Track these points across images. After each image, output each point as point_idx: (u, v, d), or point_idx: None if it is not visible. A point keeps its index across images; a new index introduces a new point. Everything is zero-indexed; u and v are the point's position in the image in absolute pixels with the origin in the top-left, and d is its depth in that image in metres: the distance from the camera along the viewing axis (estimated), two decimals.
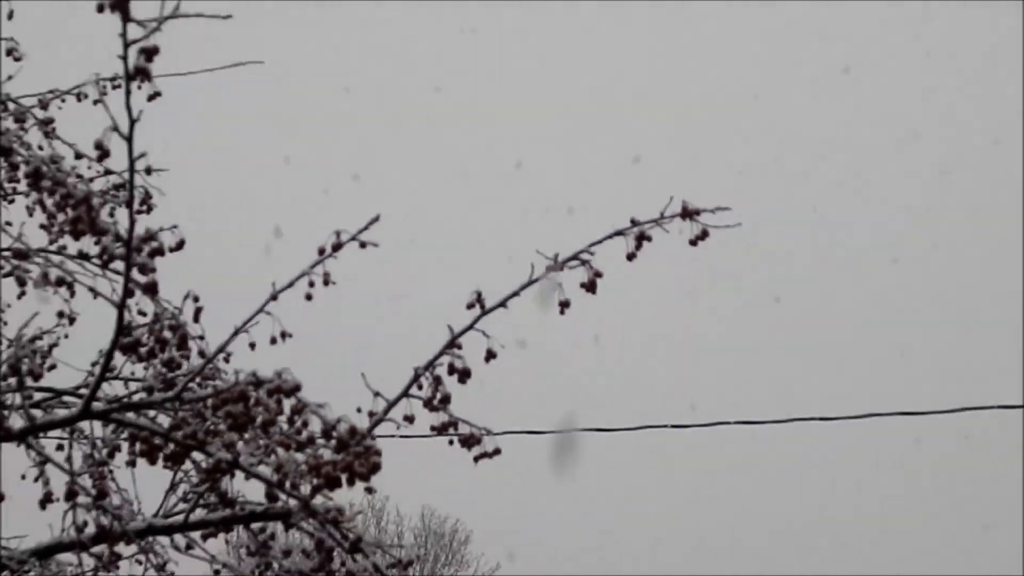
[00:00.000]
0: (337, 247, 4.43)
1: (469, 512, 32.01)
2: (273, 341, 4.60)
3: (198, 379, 4.64)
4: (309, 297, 4.54)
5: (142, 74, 4.01)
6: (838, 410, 12.99)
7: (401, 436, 4.82)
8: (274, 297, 4.47)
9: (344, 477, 4.20)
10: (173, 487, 5.10)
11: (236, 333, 4.49)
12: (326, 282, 4.57)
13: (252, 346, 4.61)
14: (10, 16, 5.73)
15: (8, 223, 5.17)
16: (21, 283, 5.04)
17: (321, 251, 4.43)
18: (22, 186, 5.16)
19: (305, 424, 4.27)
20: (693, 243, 4.37)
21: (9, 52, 5.39)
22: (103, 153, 4.35)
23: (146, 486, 5.15)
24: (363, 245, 4.47)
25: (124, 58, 4.00)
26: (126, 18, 3.96)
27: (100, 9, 4.06)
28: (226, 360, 4.69)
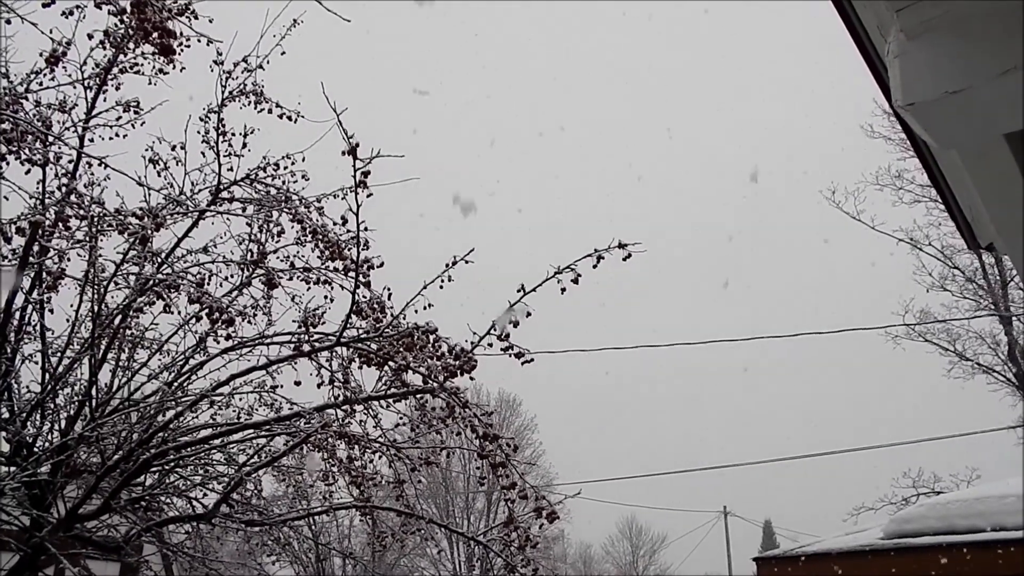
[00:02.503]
0: (453, 264, 5.01)
1: (520, 391, 34.27)
2: (425, 308, 5.13)
3: (389, 327, 5.23)
4: (441, 287, 5.08)
5: (362, 184, 4.83)
6: None
7: (486, 354, 5.06)
8: (425, 287, 5.08)
9: (458, 372, 5.01)
10: (380, 378, 5.44)
11: (406, 305, 5.15)
12: (450, 278, 5.07)
13: (416, 311, 5.16)
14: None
15: (302, 256, 5.75)
16: (307, 282, 5.65)
17: (445, 266, 4.99)
18: (308, 237, 5.58)
19: (439, 347, 4.96)
20: (624, 259, 4.82)
21: (304, 176, 5.76)
22: (344, 221, 5.18)
23: (367, 378, 5.69)
24: (467, 262, 5.04)
25: (354, 176, 4.83)
26: (355, 158, 4.78)
27: (343, 153, 4.86)
28: (404, 317, 5.23)
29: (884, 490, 19.76)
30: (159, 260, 5.65)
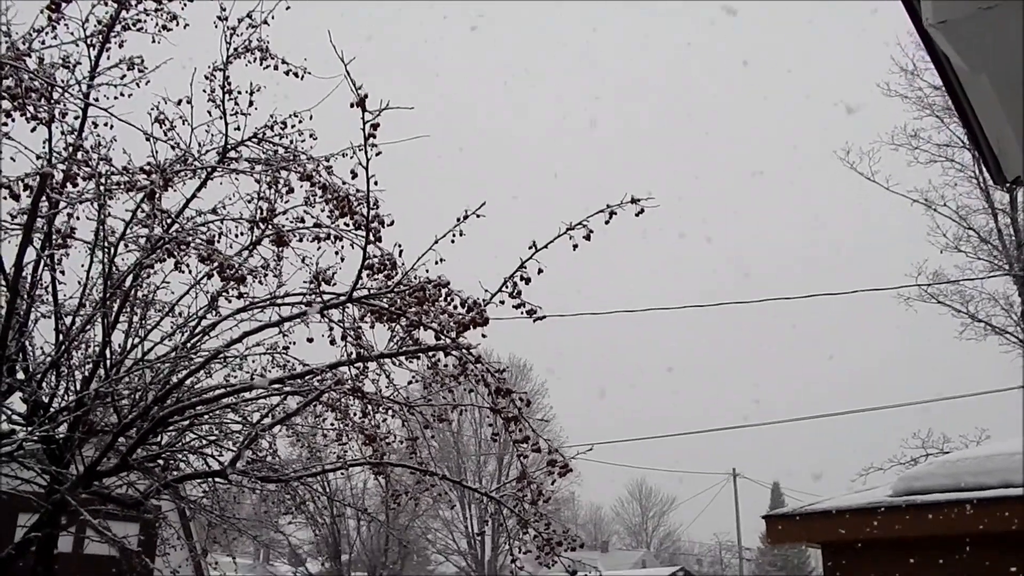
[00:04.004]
0: (465, 218, 4.93)
1: (529, 355, 35.00)
2: (436, 263, 5.06)
3: (400, 284, 5.17)
4: (453, 241, 4.98)
5: (371, 138, 4.77)
6: None
7: (497, 318, 5.01)
8: (436, 241, 5.00)
9: (471, 325, 4.96)
10: (392, 336, 5.43)
11: (418, 260, 5.08)
12: (461, 232, 4.98)
13: (426, 268, 5.09)
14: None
15: (311, 214, 5.65)
16: (317, 240, 5.57)
17: (457, 219, 4.90)
18: (319, 193, 5.49)
19: (452, 301, 4.94)
20: (637, 215, 4.71)
21: (312, 135, 5.66)
22: (354, 175, 5.12)
23: (379, 335, 5.64)
24: (478, 216, 4.92)
25: (363, 130, 4.76)
26: (364, 110, 4.70)
27: (352, 105, 4.77)
28: (415, 273, 5.17)
29: (893, 450, 19.81)
30: (169, 219, 5.62)
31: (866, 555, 7.55)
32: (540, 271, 4.94)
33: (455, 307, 4.87)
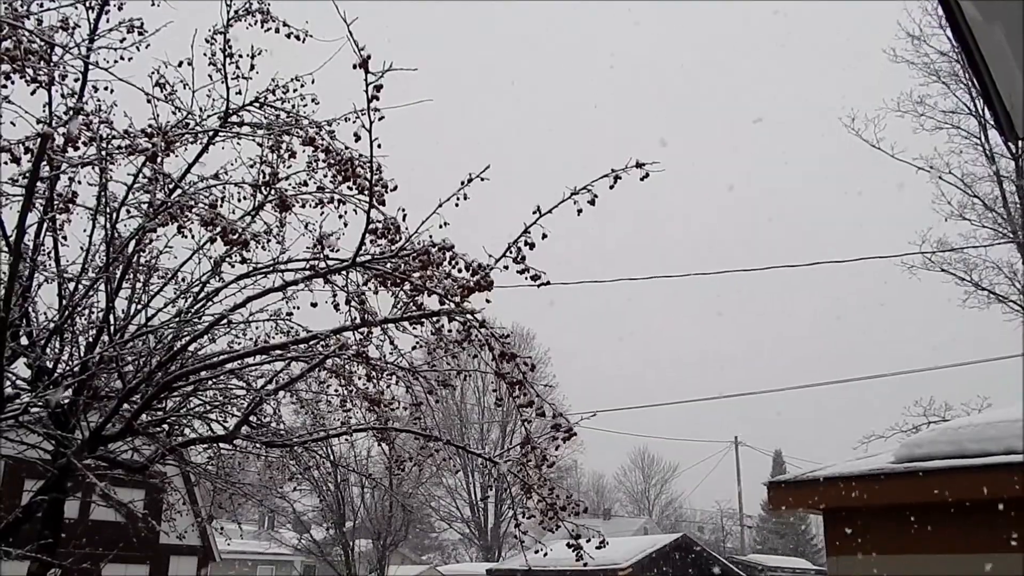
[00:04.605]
0: (469, 181, 4.84)
1: (532, 323, 35.42)
2: (440, 227, 4.92)
3: (405, 247, 5.11)
4: (457, 205, 4.91)
5: (374, 99, 4.71)
6: None
7: (502, 286, 4.92)
8: (440, 205, 4.89)
9: (476, 289, 4.91)
10: (396, 302, 5.39)
11: (421, 224, 4.97)
12: (465, 196, 4.88)
13: (429, 233, 4.97)
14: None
15: (314, 179, 5.61)
16: (321, 203, 5.56)
17: (461, 183, 4.83)
18: (321, 156, 5.43)
19: (456, 265, 4.89)
20: (641, 179, 4.64)
21: (313, 99, 5.62)
22: (357, 138, 5.08)
23: (383, 302, 5.63)
24: (482, 180, 4.87)
25: (366, 92, 4.69)
26: (367, 71, 4.64)
27: (354, 67, 4.71)
28: (420, 238, 5.05)
29: (895, 418, 19.95)
30: (171, 184, 5.60)
31: (867, 522, 7.62)
32: (544, 236, 4.90)
33: (459, 271, 4.85)
